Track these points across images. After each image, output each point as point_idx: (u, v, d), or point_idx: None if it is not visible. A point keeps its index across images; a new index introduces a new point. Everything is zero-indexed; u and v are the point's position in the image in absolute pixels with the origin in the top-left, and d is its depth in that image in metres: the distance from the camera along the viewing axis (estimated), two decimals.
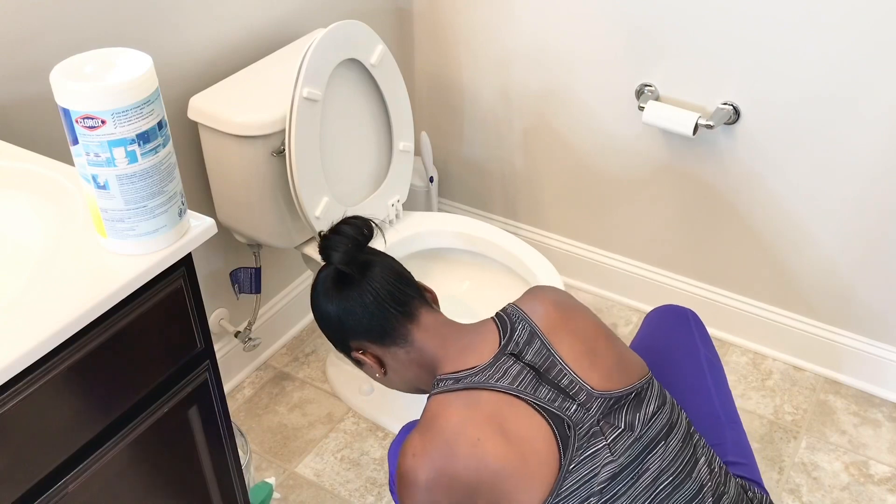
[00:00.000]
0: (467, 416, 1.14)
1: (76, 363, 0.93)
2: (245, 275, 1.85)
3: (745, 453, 1.35)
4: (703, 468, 1.20)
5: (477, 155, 2.30)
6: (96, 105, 0.87)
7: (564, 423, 1.14)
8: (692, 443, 1.21)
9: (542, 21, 1.98)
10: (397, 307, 1.24)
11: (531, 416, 1.14)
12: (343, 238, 1.24)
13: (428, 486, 1.13)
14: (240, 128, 1.57)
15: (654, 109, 1.87)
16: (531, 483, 1.12)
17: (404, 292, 1.25)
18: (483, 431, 1.13)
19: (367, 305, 1.23)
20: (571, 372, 1.18)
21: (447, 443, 1.13)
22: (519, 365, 1.18)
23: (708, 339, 1.48)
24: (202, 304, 1.09)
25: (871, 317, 1.93)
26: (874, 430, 1.92)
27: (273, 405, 2.00)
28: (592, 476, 1.13)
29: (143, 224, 0.95)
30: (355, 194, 1.81)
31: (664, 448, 1.18)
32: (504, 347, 1.20)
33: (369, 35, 1.70)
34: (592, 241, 2.24)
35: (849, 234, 1.85)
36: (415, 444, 1.15)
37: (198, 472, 1.20)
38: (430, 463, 1.12)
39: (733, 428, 1.37)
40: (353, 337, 1.27)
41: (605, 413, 1.16)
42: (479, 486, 1.12)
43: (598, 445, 1.14)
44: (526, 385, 1.16)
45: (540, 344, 1.20)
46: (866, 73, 1.66)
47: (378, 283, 1.23)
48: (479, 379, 1.17)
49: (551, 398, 1.16)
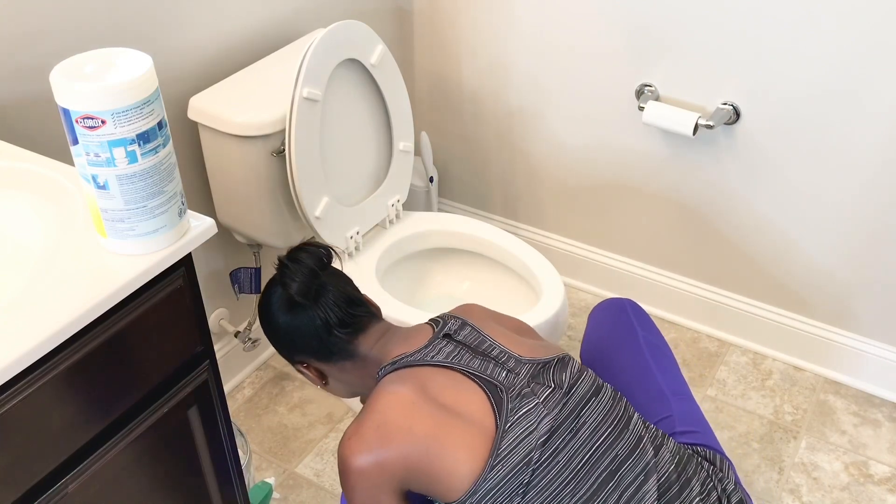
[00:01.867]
0: (399, 390, 1.21)
1: (76, 363, 0.93)
2: (245, 275, 1.85)
3: (696, 422, 1.38)
4: (638, 423, 1.26)
5: (477, 155, 2.30)
6: (96, 105, 0.87)
7: (497, 387, 1.21)
8: (622, 403, 1.28)
9: (541, 21, 1.98)
10: (345, 330, 1.29)
11: (465, 384, 1.22)
12: (300, 267, 1.28)
13: (362, 469, 1.17)
14: (240, 128, 1.57)
15: (654, 109, 1.87)
16: (467, 446, 1.17)
17: (353, 315, 1.30)
18: (414, 399, 1.19)
19: (316, 330, 1.28)
20: (500, 345, 1.28)
21: (378, 421, 1.18)
22: (452, 343, 1.28)
23: (648, 323, 1.54)
24: (202, 304, 1.09)
25: (870, 317, 1.93)
26: (874, 430, 1.92)
27: (273, 405, 2.00)
28: (529, 433, 1.18)
29: (143, 224, 0.95)
30: (355, 194, 1.81)
31: (597, 403, 1.24)
32: (438, 334, 1.29)
33: (369, 35, 1.70)
34: (592, 241, 2.24)
35: (849, 234, 1.85)
36: (348, 431, 1.20)
37: (198, 472, 1.20)
38: (363, 444, 1.17)
39: (680, 400, 1.41)
40: (299, 353, 1.33)
41: (533, 376, 1.24)
42: (412, 455, 1.16)
43: (531, 404, 1.20)
44: (460, 358, 1.25)
45: (470, 329, 1.30)
46: (866, 73, 1.66)
47: (329, 311, 1.28)
48: (414, 358, 1.25)
49: (483, 367, 1.24)
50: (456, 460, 1.16)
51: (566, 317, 1.71)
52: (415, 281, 1.92)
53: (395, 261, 1.86)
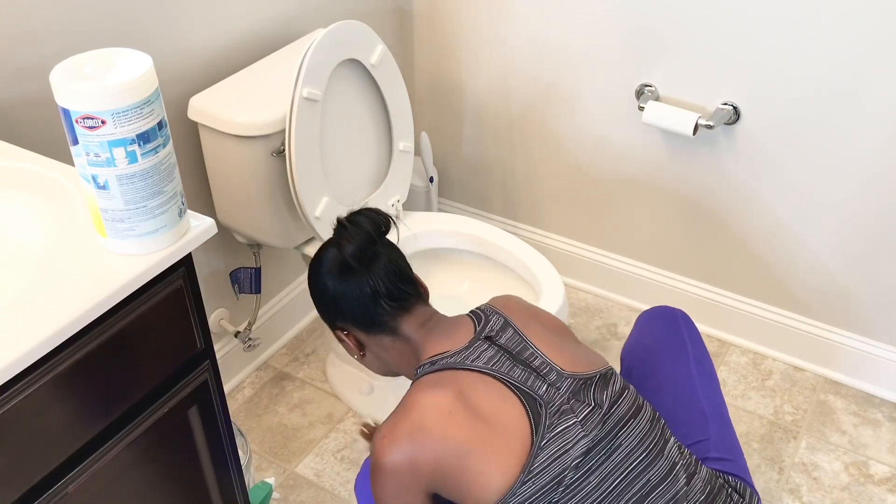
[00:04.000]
0: (438, 395, 1.18)
1: (76, 363, 0.93)
2: (245, 275, 1.85)
3: (732, 450, 1.35)
4: (674, 448, 1.23)
5: (477, 155, 2.30)
6: (96, 105, 0.87)
7: (536, 401, 1.18)
8: (660, 425, 1.25)
9: (542, 21, 1.98)
10: (392, 303, 1.26)
11: (504, 394, 1.18)
12: (359, 230, 1.26)
13: (395, 469, 1.16)
14: (240, 128, 1.57)
15: (654, 109, 1.87)
16: (501, 458, 1.15)
17: (402, 290, 1.27)
18: (452, 408, 1.16)
19: (363, 297, 1.26)
20: (542, 355, 1.23)
21: (415, 423, 1.16)
22: (494, 348, 1.23)
23: (698, 338, 1.49)
24: (202, 304, 1.09)
25: (870, 317, 1.93)
26: (874, 430, 1.92)
27: (273, 405, 2.00)
28: (565, 452, 1.15)
29: (143, 224, 0.95)
30: (355, 194, 1.81)
31: (634, 426, 1.21)
32: (479, 333, 1.25)
33: (369, 35, 1.70)
34: (592, 241, 2.24)
35: (849, 234, 1.85)
36: (384, 430, 1.18)
37: (198, 472, 1.20)
38: (398, 445, 1.15)
39: (719, 424, 1.38)
40: (342, 319, 1.30)
41: (574, 392, 1.20)
42: (445, 461, 1.15)
43: (570, 422, 1.17)
44: (500, 365, 1.21)
45: (513, 332, 1.25)
46: (866, 72, 1.66)
47: (380, 280, 1.25)
48: (454, 360, 1.21)
49: (524, 378, 1.20)
50: (487, 472, 1.14)
51: (566, 317, 1.71)
52: None
53: None
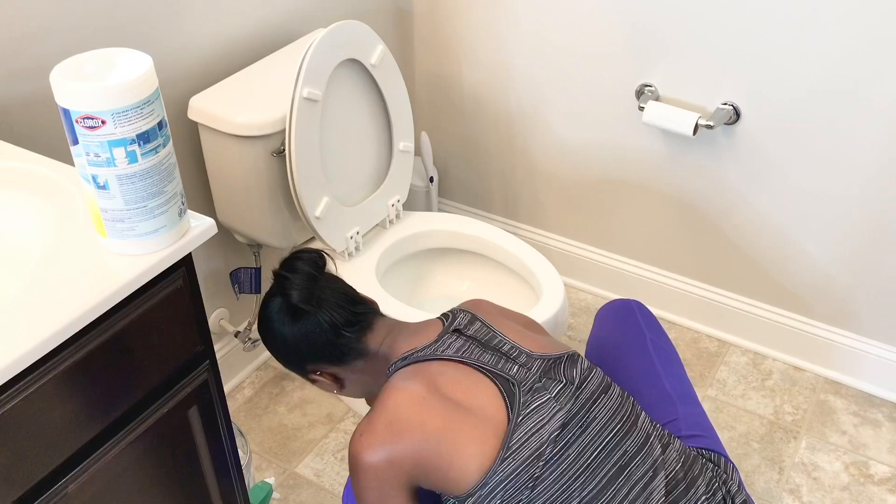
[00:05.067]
0: (410, 386, 1.20)
1: (76, 363, 0.93)
2: (245, 275, 1.85)
3: (702, 426, 1.38)
4: (646, 421, 1.27)
5: (477, 155, 2.30)
6: (96, 105, 0.87)
7: (509, 381, 1.22)
8: (630, 401, 1.28)
9: (541, 21, 1.98)
10: (353, 328, 1.29)
11: (477, 378, 1.22)
12: (298, 276, 1.28)
13: (376, 465, 1.17)
14: (240, 128, 1.57)
15: (654, 109, 1.87)
16: (478, 439, 1.17)
17: (357, 313, 1.30)
18: (425, 395, 1.19)
19: (325, 333, 1.28)
20: (510, 340, 1.28)
21: (391, 416, 1.18)
22: (462, 338, 1.27)
23: (655, 325, 1.54)
24: (202, 304, 1.09)
25: (871, 317, 1.93)
26: (874, 430, 1.92)
27: (273, 405, 2.00)
28: (542, 426, 1.18)
29: (143, 224, 0.95)
30: (355, 194, 1.81)
31: (606, 399, 1.24)
32: (448, 328, 1.29)
33: (369, 35, 1.70)
34: (592, 241, 2.24)
35: (849, 234, 1.85)
36: (360, 427, 1.20)
37: (198, 472, 1.20)
38: (376, 440, 1.17)
39: (686, 403, 1.41)
40: (311, 360, 1.32)
41: (544, 371, 1.24)
42: (425, 450, 1.17)
43: (544, 398, 1.20)
44: (470, 353, 1.24)
45: (480, 324, 1.30)
46: (866, 72, 1.66)
47: (334, 312, 1.28)
48: (424, 353, 1.25)
49: (494, 361, 1.24)
50: (466, 454, 1.16)
51: (566, 317, 1.71)
52: (415, 281, 1.92)
53: (396, 261, 1.86)
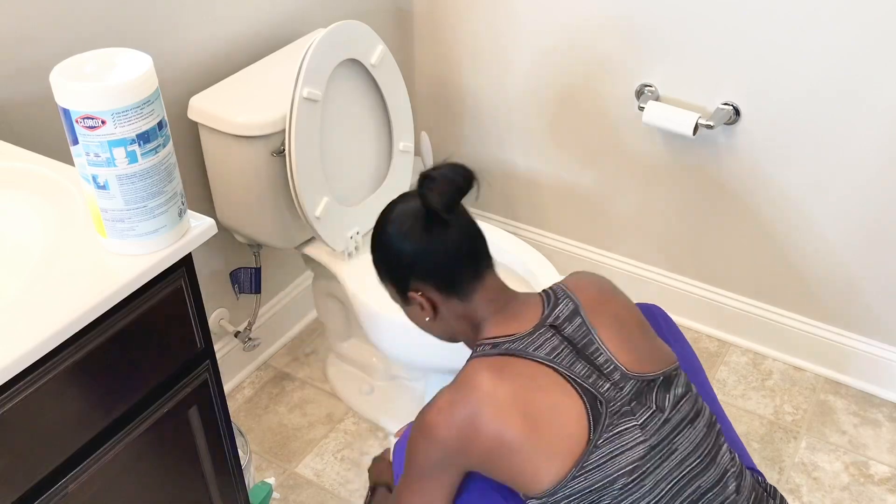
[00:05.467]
0: (498, 383, 1.14)
1: (76, 363, 0.93)
2: (245, 275, 1.85)
3: (735, 442, 1.35)
4: (726, 455, 1.21)
5: (477, 155, 2.30)
6: (96, 105, 0.87)
7: (597, 399, 1.14)
8: (715, 430, 1.23)
9: (541, 21, 1.98)
10: (472, 264, 1.22)
11: (564, 389, 1.15)
12: (447, 182, 1.18)
13: (445, 444, 1.14)
14: (240, 128, 1.57)
15: (654, 109, 1.87)
16: (554, 454, 1.12)
17: (481, 252, 1.24)
18: (511, 400, 1.13)
19: (447, 254, 1.20)
20: (608, 351, 1.18)
21: (473, 405, 1.13)
22: (558, 338, 1.18)
23: (677, 333, 1.48)
24: (202, 304, 1.09)
25: (871, 317, 1.93)
26: (874, 430, 1.92)
27: (273, 405, 2.00)
28: (621, 453, 1.13)
29: (143, 224, 0.95)
30: (355, 194, 1.81)
31: (691, 430, 1.19)
32: (545, 318, 1.20)
33: (369, 35, 1.70)
34: (592, 241, 2.24)
35: (849, 234, 1.85)
36: (442, 401, 1.15)
37: (198, 472, 1.20)
38: (452, 421, 1.13)
39: (722, 421, 1.36)
40: (420, 279, 1.23)
41: (636, 394, 1.17)
42: (496, 451, 1.13)
43: (629, 424, 1.15)
44: (563, 358, 1.17)
45: (580, 321, 1.20)
46: (866, 73, 1.66)
47: (464, 236, 1.21)
48: (516, 346, 1.17)
49: (586, 374, 1.16)
50: (539, 466, 1.13)
51: None
52: None
53: None
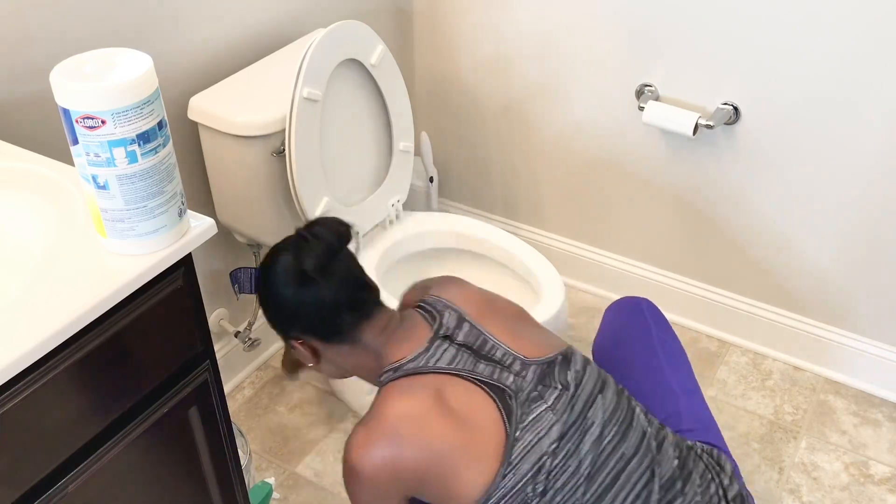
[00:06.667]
0: (408, 402, 1.18)
1: (76, 363, 0.93)
2: (245, 275, 1.85)
3: (701, 419, 1.38)
4: (641, 416, 1.26)
5: (477, 155, 2.30)
6: (96, 105, 0.87)
7: (505, 393, 1.19)
8: (625, 396, 1.27)
9: (541, 21, 1.98)
10: (352, 312, 1.24)
11: (472, 392, 1.19)
12: (318, 243, 1.22)
13: (373, 478, 1.15)
14: (240, 128, 1.57)
15: (654, 109, 1.87)
16: (480, 456, 1.15)
17: (362, 299, 1.26)
18: (426, 414, 1.16)
19: (323, 308, 1.23)
20: (503, 345, 1.24)
21: (390, 432, 1.16)
22: (454, 346, 1.23)
23: (662, 322, 1.53)
24: (202, 304, 1.09)
25: (871, 317, 1.93)
26: (874, 430, 1.92)
27: (273, 405, 2.00)
28: (539, 439, 1.17)
29: (143, 224, 0.95)
30: (355, 194, 1.81)
31: (602, 401, 1.23)
32: (437, 332, 1.24)
33: (369, 35, 1.70)
34: (592, 241, 2.24)
35: (848, 234, 1.85)
36: (358, 438, 1.17)
37: (198, 472, 1.20)
38: (375, 453, 1.15)
39: (688, 398, 1.41)
40: (298, 329, 1.27)
41: (540, 378, 1.22)
42: (427, 468, 1.15)
43: (540, 409, 1.19)
44: (464, 363, 1.21)
45: (469, 326, 1.25)
46: (866, 72, 1.66)
47: (339, 290, 1.22)
48: (417, 364, 1.21)
49: (489, 372, 1.21)
50: (468, 472, 1.15)
51: (566, 317, 1.71)
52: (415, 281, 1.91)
53: (395, 261, 1.86)
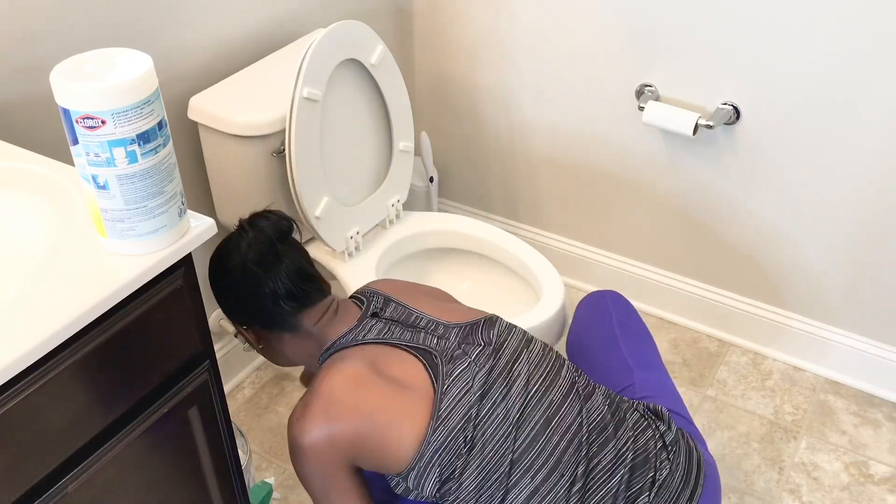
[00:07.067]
0: (340, 374, 1.23)
1: (76, 363, 0.93)
2: None
3: (655, 387, 1.43)
4: (571, 369, 1.31)
5: (477, 155, 2.30)
6: (96, 105, 0.87)
7: (430, 353, 1.25)
8: (553, 352, 1.32)
9: (541, 21, 1.98)
10: (292, 303, 1.28)
11: (400, 356, 1.26)
12: (260, 235, 1.28)
13: (312, 450, 1.20)
14: (240, 128, 1.57)
15: (654, 109, 1.87)
16: (410, 415, 1.21)
17: (303, 290, 1.29)
18: (357, 380, 1.22)
19: (262, 298, 1.28)
20: (426, 315, 1.32)
21: (324, 403, 1.21)
22: (382, 321, 1.32)
23: (625, 308, 1.59)
24: (202, 304, 1.09)
25: (871, 317, 1.93)
26: (874, 430, 1.92)
27: (273, 405, 2.00)
28: (466, 391, 1.22)
29: (143, 224, 0.95)
30: (355, 194, 1.81)
31: (527, 354, 1.29)
32: (365, 312, 1.33)
33: (369, 35, 1.70)
34: (592, 241, 2.24)
35: (848, 234, 1.85)
36: (296, 413, 1.23)
37: (198, 472, 1.20)
38: (313, 423, 1.20)
39: (644, 371, 1.45)
40: (242, 316, 1.34)
41: (462, 338, 1.29)
42: (360, 433, 1.20)
43: (464, 364, 1.25)
44: (391, 334, 1.28)
45: (395, 304, 1.34)
46: (866, 73, 1.66)
47: (279, 282, 1.27)
48: (348, 338, 1.29)
49: (415, 338, 1.29)
50: (401, 430, 1.20)
51: (566, 317, 1.71)
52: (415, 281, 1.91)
53: (395, 261, 1.86)
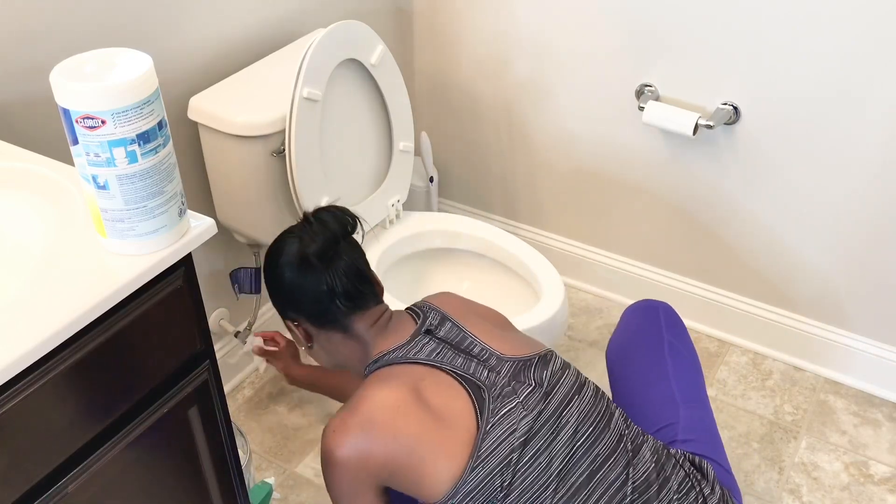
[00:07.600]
0: (386, 390, 1.21)
1: (76, 363, 0.93)
2: (245, 275, 1.85)
3: (700, 431, 1.37)
4: (619, 420, 1.27)
5: (477, 155, 2.30)
6: (96, 105, 0.87)
7: (479, 387, 1.22)
8: (604, 399, 1.28)
9: (541, 21, 1.98)
10: (348, 303, 1.28)
11: (449, 384, 1.22)
12: (324, 229, 1.28)
13: (344, 465, 1.18)
14: (240, 128, 1.57)
15: (654, 109, 1.87)
16: (450, 448, 1.18)
17: (359, 290, 1.30)
18: (401, 402, 1.19)
19: (319, 294, 1.28)
20: (481, 342, 1.28)
21: (365, 418, 1.19)
22: (435, 341, 1.28)
23: (677, 328, 1.51)
24: (202, 304, 1.09)
25: (870, 317, 1.93)
26: (874, 430, 1.92)
27: (273, 405, 2.00)
28: (510, 433, 1.18)
29: (143, 224, 0.95)
30: (355, 194, 1.81)
31: (579, 402, 1.24)
32: (420, 327, 1.30)
33: (369, 35, 1.70)
34: (592, 241, 2.24)
35: (848, 234, 1.85)
36: (335, 423, 1.21)
37: (198, 472, 1.20)
38: (349, 439, 1.18)
39: (690, 408, 1.39)
40: (295, 310, 1.32)
41: (514, 375, 1.25)
42: (395, 460, 1.18)
43: (512, 404, 1.20)
44: (443, 356, 1.25)
45: (451, 324, 1.31)
46: (866, 72, 1.66)
47: (338, 279, 1.27)
48: (398, 354, 1.26)
49: (466, 366, 1.25)
50: (437, 463, 1.17)
51: (566, 317, 1.71)
52: (415, 281, 1.92)
53: (395, 261, 1.86)
